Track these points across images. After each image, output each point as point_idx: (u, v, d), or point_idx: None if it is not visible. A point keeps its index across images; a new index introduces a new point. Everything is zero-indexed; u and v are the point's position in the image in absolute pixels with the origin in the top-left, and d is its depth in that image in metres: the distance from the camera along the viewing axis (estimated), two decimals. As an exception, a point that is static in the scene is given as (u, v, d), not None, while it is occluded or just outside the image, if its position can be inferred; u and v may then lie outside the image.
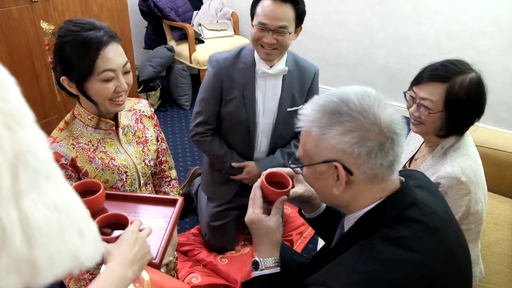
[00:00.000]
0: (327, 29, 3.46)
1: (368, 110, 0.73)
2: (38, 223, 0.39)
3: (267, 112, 1.65)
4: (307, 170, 0.83)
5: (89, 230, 0.46)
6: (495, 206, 1.73)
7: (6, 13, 1.99)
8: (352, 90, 0.78)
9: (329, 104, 0.76)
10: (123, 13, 2.66)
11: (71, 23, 1.02)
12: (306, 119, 0.79)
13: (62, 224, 0.42)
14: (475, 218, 1.17)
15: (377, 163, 0.74)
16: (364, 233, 0.77)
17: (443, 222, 0.79)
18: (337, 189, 0.78)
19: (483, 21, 2.78)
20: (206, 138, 1.70)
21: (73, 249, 0.43)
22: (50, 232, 0.41)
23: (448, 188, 1.14)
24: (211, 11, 3.58)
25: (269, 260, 0.93)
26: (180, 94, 3.34)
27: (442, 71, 1.14)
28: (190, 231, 2.10)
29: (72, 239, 0.43)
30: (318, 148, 0.77)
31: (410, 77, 1.27)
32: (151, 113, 1.32)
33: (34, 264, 0.39)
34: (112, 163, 1.15)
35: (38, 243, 0.39)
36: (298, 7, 1.47)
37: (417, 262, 0.71)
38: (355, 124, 0.73)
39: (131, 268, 0.76)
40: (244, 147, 1.73)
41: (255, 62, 1.59)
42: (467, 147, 1.20)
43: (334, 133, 0.74)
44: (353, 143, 0.73)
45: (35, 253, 0.39)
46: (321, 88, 4.08)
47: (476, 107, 1.14)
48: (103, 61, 1.01)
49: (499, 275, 1.47)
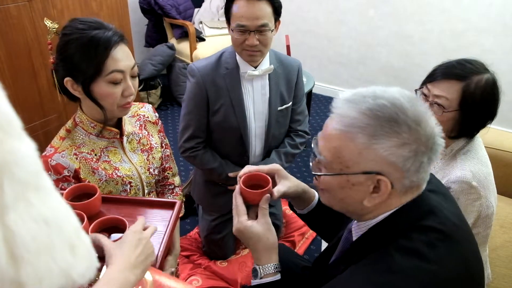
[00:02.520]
0: (330, 27, 3.43)
1: (423, 120, 0.67)
2: (25, 239, 0.37)
3: (258, 115, 1.59)
4: (335, 178, 0.74)
5: (82, 244, 0.44)
6: (502, 208, 1.70)
7: (4, 10, 1.96)
8: (398, 93, 0.70)
9: (382, 109, 0.67)
10: (123, 11, 2.63)
11: (78, 21, 0.97)
12: (348, 122, 0.69)
13: (52, 239, 0.40)
14: (485, 222, 1.15)
15: (420, 176, 0.69)
16: (380, 243, 0.73)
17: (457, 228, 0.76)
18: (370, 202, 0.72)
19: (488, 19, 2.74)
20: (197, 152, 1.61)
21: (64, 265, 0.40)
22: (38, 248, 0.38)
23: (460, 193, 1.11)
24: (212, 8, 3.55)
25: (268, 266, 0.88)
26: (181, 93, 3.31)
27: (458, 69, 1.10)
28: (191, 234, 2.08)
29: (63, 255, 0.41)
30: (361, 157, 0.69)
31: (413, 75, 1.25)
32: (155, 119, 1.26)
33: (20, 284, 0.37)
34: (116, 174, 1.09)
35: (25, 261, 0.37)
36: (273, 1, 1.40)
37: (433, 272, 0.68)
38: (413, 137, 0.66)
39: (133, 272, 0.72)
40: (238, 154, 1.66)
41: (238, 65, 1.52)
42: (477, 150, 1.17)
43: (388, 145, 0.66)
44: (407, 157, 0.67)
45: (21, 272, 0.37)
46: (323, 86, 4.06)
47: (490, 109, 1.11)
48: (112, 61, 0.96)
49: (506, 279, 1.44)
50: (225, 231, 1.86)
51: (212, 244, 1.90)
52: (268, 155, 1.71)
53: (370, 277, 0.69)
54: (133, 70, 1.01)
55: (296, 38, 3.55)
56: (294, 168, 2.67)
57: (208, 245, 1.93)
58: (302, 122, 1.74)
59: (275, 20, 1.44)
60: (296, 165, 2.70)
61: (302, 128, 1.74)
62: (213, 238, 1.87)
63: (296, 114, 1.71)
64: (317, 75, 3.52)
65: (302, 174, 2.64)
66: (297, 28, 3.56)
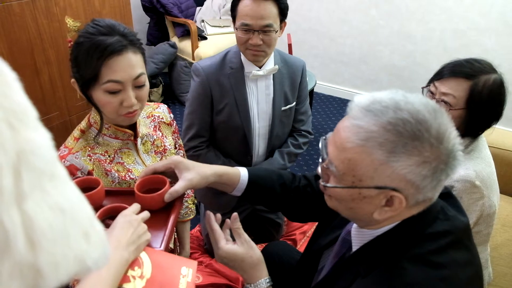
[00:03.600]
0: (332, 26, 3.43)
1: (445, 136, 0.63)
2: (42, 226, 0.38)
3: (262, 114, 1.59)
4: (344, 190, 0.70)
5: (95, 232, 0.45)
6: (503, 207, 1.70)
7: (7, 8, 1.96)
8: (421, 104, 0.64)
9: (405, 125, 0.62)
10: (125, 9, 2.63)
11: (92, 24, 0.95)
12: (367, 136, 0.64)
13: (67, 227, 0.41)
14: (486, 221, 1.15)
15: (434, 191, 0.66)
16: (389, 254, 0.71)
17: (463, 229, 0.76)
18: (381, 215, 0.68)
19: (490, 19, 2.75)
20: (201, 151, 1.62)
21: (79, 253, 0.42)
22: (54, 235, 0.39)
23: (463, 192, 1.12)
24: (214, 7, 3.55)
25: (260, 283, 0.87)
26: (182, 91, 3.32)
27: (467, 68, 1.10)
28: (192, 232, 2.09)
29: (78, 242, 0.42)
30: (376, 173, 0.65)
31: (415, 74, 1.25)
32: (170, 120, 1.23)
33: (38, 269, 0.38)
34: (128, 176, 1.08)
35: (42, 247, 0.38)
36: (280, 2, 1.39)
37: (446, 277, 0.67)
38: (434, 155, 0.62)
39: (127, 250, 0.74)
40: (242, 154, 1.66)
41: (243, 65, 1.52)
42: (480, 150, 1.17)
43: (408, 163, 0.62)
44: (425, 176, 0.63)
45: (39, 258, 0.38)
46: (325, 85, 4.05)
47: (496, 109, 1.12)
48: (109, 71, 0.92)
49: (507, 277, 1.45)
50: None
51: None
52: (271, 154, 1.71)
53: None
54: (137, 80, 0.96)
55: (298, 36, 3.55)
56: (295, 167, 2.67)
57: (209, 243, 1.93)
58: (305, 122, 1.74)
59: (281, 21, 1.44)
60: (298, 164, 2.70)
61: (305, 128, 1.75)
62: None
63: (300, 114, 1.71)
64: (319, 74, 3.53)
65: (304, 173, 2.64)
66: (298, 26, 3.56)
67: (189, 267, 0.89)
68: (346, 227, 0.88)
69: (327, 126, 3.16)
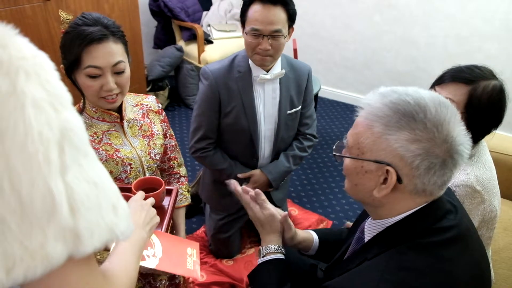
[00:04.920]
0: (336, 31, 3.47)
1: (443, 125, 0.69)
2: (81, 195, 0.43)
3: (268, 118, 1.63)
4: (352, 162, 0.78)
5: (121, 207, 0.49)
6: (505, 211, 1.72)
7: (20, 11, 2.01)
8: (429, 95, 0.72)
9: (404, 104, 0.70)
10: (134, 12, 2.68)
11: (80, 16, 1.06)
12: (371, 111, 0.73)
13: (99, 199, 0.46)
14: (488, 224, 1.17)
15: (431, 180, 0.70)
16: (396, 242, 0.74)
17: (468, 230, 0.78)
18: (379, 192, 0.75)
19: (493, 25, 2.77)
20: (208, 153, 1.66)
21: (109, 222, 0.46)
22: (90, 205, 0.44)
23: (464, 197, 1.13)
24: (220, 12, 3.60)
25: (270, 246, 1.00)
26: (188, 94, 3.36)
27: (467, 73, 1.13)
28: (197, 232, 2.12)
29: (108, 214, 0.47)
30: (374, 145, 0.72)
31: (418, 80, 1.28)
32: (158, 109, 1.32)
33: (77, 234, 0.43)
34: (116, 155, 1.16)
35: (81, 214, 0.43)
36: (289, 8, 1.43)
37: (445, 271, 0.69)
38: (426, 136, 0.68)
39: (144, 229, 0.82)
40: (248, 156, 1.70)
41: (250, 69, 1.55)
42: (481, 155, 1.19)
43: (400, 137, 0.69)
44: (416, 154, 0.68)
45: (78, 223, 0.43)
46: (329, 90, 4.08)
47: (495, 115, 1.13)
48: (87, 57, 1.02)
49: (509, 281, 1.47)
50: (232, 230, 1.90)
51: (219, 243, 1.94)
52: (276, 157, 1.74)
53: (382, 275, 0.69)
54: (116, 67, 1.06)
55: (303, 41, 3.59)
56: (299, 170, 2.70)
57: (215, 244, 1.96)
58: (310, 125, 1.77)
59: (289, 26, 1.47)
60: (301, 167, 2.73)
61: (310, 132, 1.78)
62: (220, 237, 1.90)
63: (305, 118, 1.74)
64: (323, 79, 3.56)
65: (308, 176, 2.67)
66: (303, 31, 3.59)
67: (193, 247, 1.02)
68: (360, 227, 0.91)
69: (331, 131, 3.19)
